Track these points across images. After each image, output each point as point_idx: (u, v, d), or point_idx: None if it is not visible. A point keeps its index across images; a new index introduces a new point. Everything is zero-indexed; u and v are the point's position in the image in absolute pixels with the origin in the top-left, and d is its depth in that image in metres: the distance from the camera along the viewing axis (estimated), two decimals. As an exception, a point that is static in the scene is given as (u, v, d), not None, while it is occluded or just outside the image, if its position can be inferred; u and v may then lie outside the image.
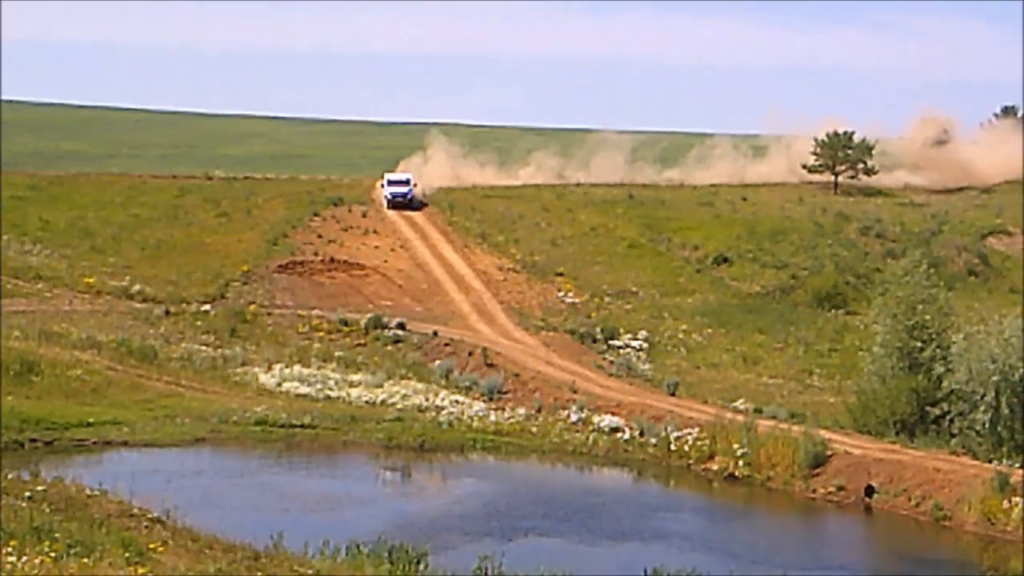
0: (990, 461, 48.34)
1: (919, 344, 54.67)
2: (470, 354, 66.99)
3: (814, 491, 48.78)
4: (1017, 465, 47.23)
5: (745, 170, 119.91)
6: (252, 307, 74.21)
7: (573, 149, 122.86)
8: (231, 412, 53.22)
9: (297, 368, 62.82)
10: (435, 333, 70.39)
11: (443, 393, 60.42)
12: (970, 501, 44.97)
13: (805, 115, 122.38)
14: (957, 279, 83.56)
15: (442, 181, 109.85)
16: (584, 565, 28.99)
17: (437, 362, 66.08)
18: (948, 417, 51.70)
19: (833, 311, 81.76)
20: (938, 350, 53.67)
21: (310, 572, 25.26)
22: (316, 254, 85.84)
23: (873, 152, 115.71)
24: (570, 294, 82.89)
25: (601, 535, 41.51)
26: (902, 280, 57.34)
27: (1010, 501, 43.98)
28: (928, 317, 55.55)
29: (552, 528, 41.62)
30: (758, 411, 57.79)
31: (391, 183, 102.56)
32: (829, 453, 49.88)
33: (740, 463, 50.63)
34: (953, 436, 51.24)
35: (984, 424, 50.15)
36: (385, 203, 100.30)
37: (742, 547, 40.79)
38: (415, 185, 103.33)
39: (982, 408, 50.29)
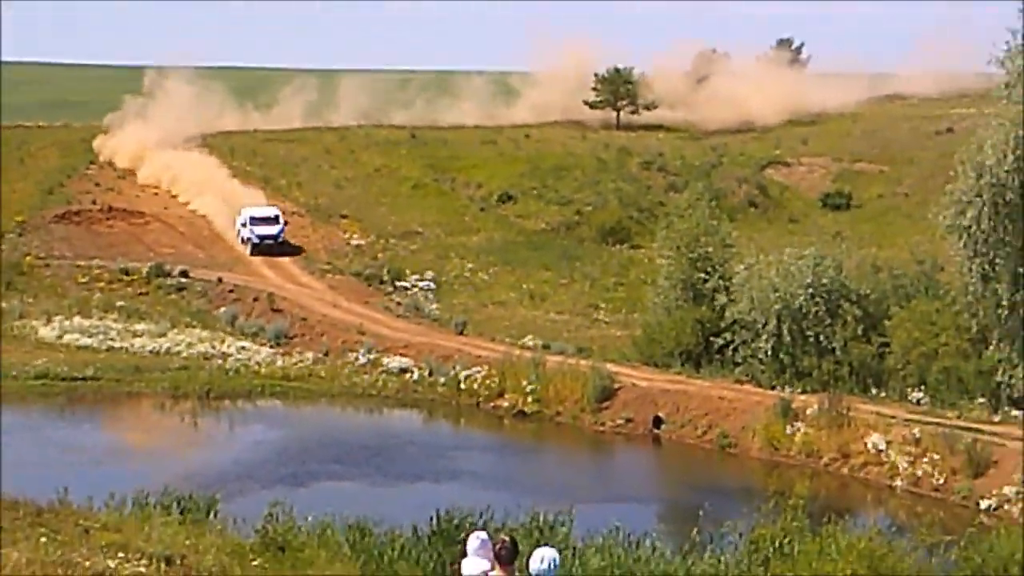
0: (773, 388, 49.29)
1: (702, 276, 55.37)
2: (255, 300, 66.17)
3: (603, 424, 49.24)
4: (799, 391, 48.23)
5: (505, 109, 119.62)
6: (28, 258, 72.25)
7: (329, 90, 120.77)
8: (9, 367, 51.74)
9: (78, 320, 61.37)
10: (219, 280, 69.33)
11: (229, 340, 59.60)
12: (754, 428, 45.84)
13: (563, 49, 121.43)
14: (738, 211, 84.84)
15: (202, 127, 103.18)
16: (377, 507, 28.65)
17: (222, 309, 65.15)
18: (732, 346, 52.52)
19: (617, 246, 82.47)
20: (721, 281, 54.44)
21: (96, 526, 24.56)
22: (94, 203, 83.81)
23: (638, 88, 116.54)
24: (355, 236, 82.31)
25: (393, 476, 41.35)
26: (684, 213, 58.00)
27: (793, 426, 44.92)
28: (711, 249, 56.28)
29: (343, 472, 41.34)
30: (546, 347, 58.07)
31: (256, 221, 78.96)
32: (616, 386, 50.36)
33: (529, 399, 50.87)
34: (737, 365, 52.10)
35: (767, 352, 51.08)
36: (248, 248, 78.24)
37: (534, 482, 40.94)
38: (286, 223, 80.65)
39: (764, 337, 51.20)
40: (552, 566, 12.51)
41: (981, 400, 46.12)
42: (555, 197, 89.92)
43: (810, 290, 51.02)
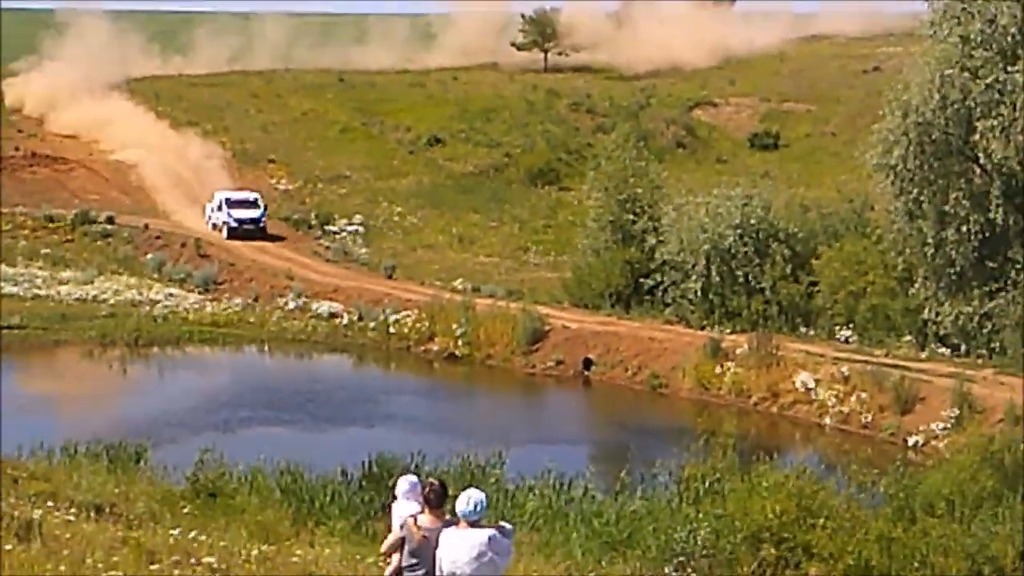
0: (703, 328, 49.52)
1: (631, 217, 55.46)
2: (183, 246, 65.68)
3: (533, 366, 49.32)
4: (728, 331, 48.47)
5: (426, 53, 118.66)
6: (-51, 207, 71.23)
7: (248, 34, 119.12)
8: (-67, 316, 51.12)
9: (2, 268, 60.57)
10: (146, 226, 68.70)
11: (156, 287, 59.15)
12: (684, 368, 46.04)
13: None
14: (666, 151, 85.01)
15: (123, 71, 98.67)
16: (308, 452, 28.61)
17: (149, 255, 64.60)
18: (662, 287, 52.70)
19: (546, 188, 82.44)
20: (650, 222, 54.54)
21: (24, 475, 24.36)
22: (17, 149, 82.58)
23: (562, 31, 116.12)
24: (283, 181, 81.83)
25: (324, 421, 41.22)
26: (613, 154, 58.01)
27: (722, 366, 45.14)
28: (639, 190, 56.36)
29: (274, 417, 41.14)
30: (476, 290, 58.08)
31: (233, 204, 71.46)
32: (547, 328, 50.41)
33: (460, 342, 50.84)
34: (667, 306, 52.28)
35: (696, 293, 51.28)
36: (223, 231, 70.18)
37: (466, 426, 40.94)
38: (266, 207, 72.71)
39: (694, 277, 51.38)
40: (479, 507, 12.46)
41: (908, 338, 46.54)
42: (484, 140, 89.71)
43: (739, 230, 51.20)
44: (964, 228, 45.03)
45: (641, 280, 53.56)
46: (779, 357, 44.62)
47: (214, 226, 71.03)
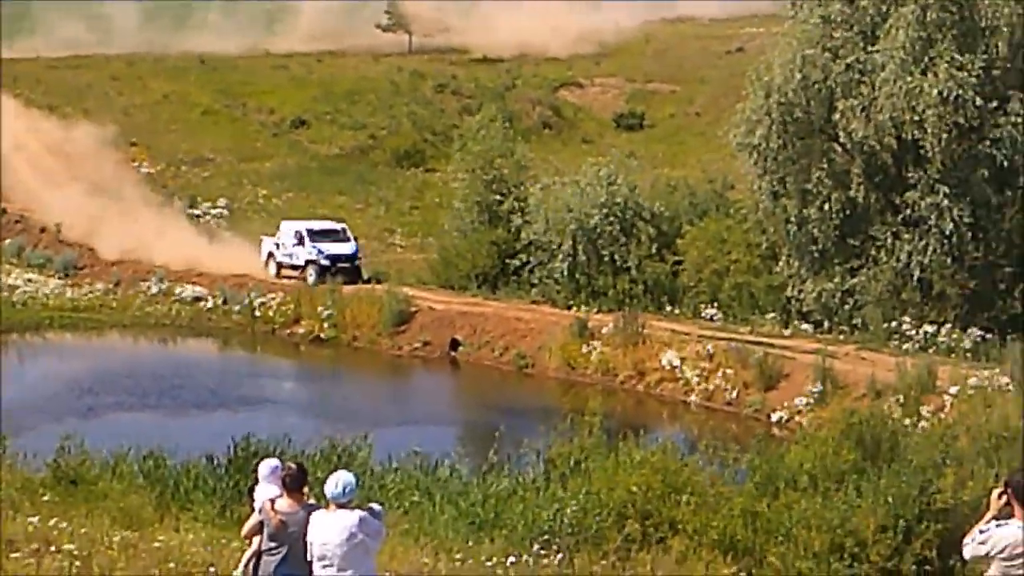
0: (569, 308, 49.65)
1: (498, 198, 55.49)
2: (42, 231, 64.58)
3: (400, 348, 49.19)
4: (594, 311, 48.64)
5: (283, 37, 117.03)
6: None
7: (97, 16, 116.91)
8: None
9: None
10: (4, 211, 67.43)
11: (15, 272, 58.10)
12: (551, 348, 46.15)
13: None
14: (532, 132, 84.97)
15: None
16: (172, 438, 28.19)
17: (7, 240, 63.46)
18: (528, 268, 52.78)
19: (412, 169, 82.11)
20: (516, 203, 54.58)
21: None
22: None
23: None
24: (145, 164, 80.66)
25: (189, 406, 40.80)
26: (479, 135, 57.96)
27: (588, 346, 45.32)
28: (506, 171, 56.41)
29: (137, 403, 40.62)
30: (343, 272, 57.65)
31: (317, 236, 57.76)
32: (413, 310, 50.32)
33: (326, 325, 50.59)
34: (533, 286, 52.39)
35: (562, 272, 51.43)
36: (309, 274, 56.16)
37: (332, 408, 40.75)
38: (356, 239, 59.98)
39: (560, 257, 51.53)
40: (348, 489, 12.35)
41: (772, 315, 47.00)
42: (349, 122, 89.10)
43: (604, 210, 51.42)
44: (826, 206, 45.58)
45: (508, 261, 53.60)
46: (645, 336, 44.87)
47: (284, 267, 57.82)
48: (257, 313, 52.20)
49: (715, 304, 48.45)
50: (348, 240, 57.93)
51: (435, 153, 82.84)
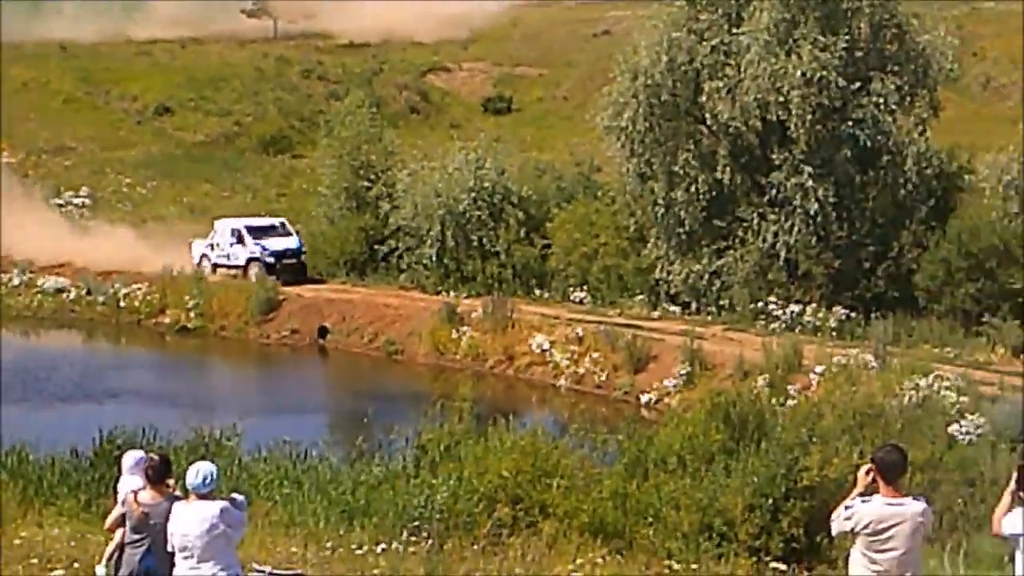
0: (438, 293, 49.55)
1: (366, 184, 55.17)
2: None
3: (268, 336, 48.79)
4: (464, 295, 48.58)
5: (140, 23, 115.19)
6: None
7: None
8: None
9: None
10: None
11: None
12: (420, 334, 46.03)
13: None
14: (400, 117, 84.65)
15: None
16: (36, 431, 27.70)
17: None
18: (396, 253, 52.55)
19: (279, 156, 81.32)
20: (384, 188, 54.31)
21: None
22: None
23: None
24: (5, 153, 79.13)
25: (53, 399, 40.10)
26: (346, 121, 57.59)
27: (458, 331, 45.25)
28: (373, 156, 56.14)
29: (-1, 397, 39.79)
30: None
31: (257, 232, 54.89)
32: (281, 298, 49.94)
33: (192, 314, 50.01)
34: (402, 272, 52.19)
35: (431, 258, 51.29)
36: (250, 272, 53.48)
37: (200, 398, 40.29)
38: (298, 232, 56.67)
39: (428, 242, 51.37)
40: (208, 480, 12.13)
41: (640, 297, 47.20)
42: (214, 108, 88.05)
43: (472, 194, 51.35)
44: (693, 188, 45.88)
45: (376, 247, 53.32)
46: (514, 320, 44.91)
47: (220, 267, 54.66)
48: (122, 304, 51.44)
49: (584, 287, 48.56)
50: (290, 234, 55.28)
51: (302, 139, 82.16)
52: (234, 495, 12.83)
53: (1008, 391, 31.93)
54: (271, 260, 53.06)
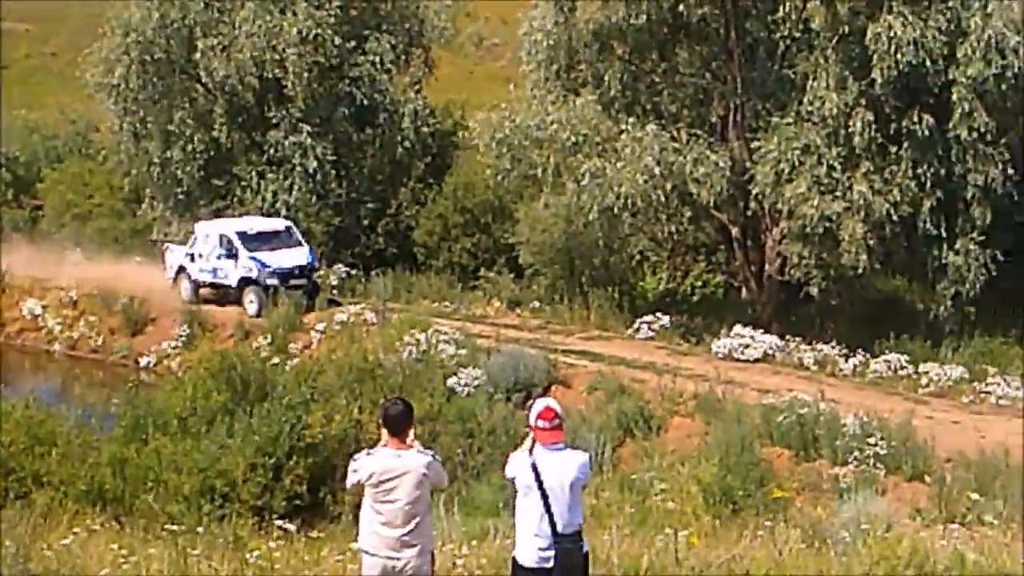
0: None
1: None
2: None
3: None
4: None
5: None
6: None
7: None
8: None
9: None
10: None
11: None
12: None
13: None
14: None
15: None
16: None
17: None
18: None
19: None
20: None
21: None
22: None
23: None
24: None
25: None
26: None
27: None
28: None
29: None
30: None
31: (252, 240, 39.96)
32: None
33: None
34: None
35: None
36: (251, 302, 38.97)
37: None
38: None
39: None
40: None
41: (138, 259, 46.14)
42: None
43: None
44: (189, 147, 45.21)
45: None
46: (4, 285, 43.13)
47: (204, 286, 41.04)
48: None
49: (78, 248, 47.00)
50: (299, 244, 40.62)
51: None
52: None
53: (504, 343, 32.85)
54: (273, 282, 38.93)
